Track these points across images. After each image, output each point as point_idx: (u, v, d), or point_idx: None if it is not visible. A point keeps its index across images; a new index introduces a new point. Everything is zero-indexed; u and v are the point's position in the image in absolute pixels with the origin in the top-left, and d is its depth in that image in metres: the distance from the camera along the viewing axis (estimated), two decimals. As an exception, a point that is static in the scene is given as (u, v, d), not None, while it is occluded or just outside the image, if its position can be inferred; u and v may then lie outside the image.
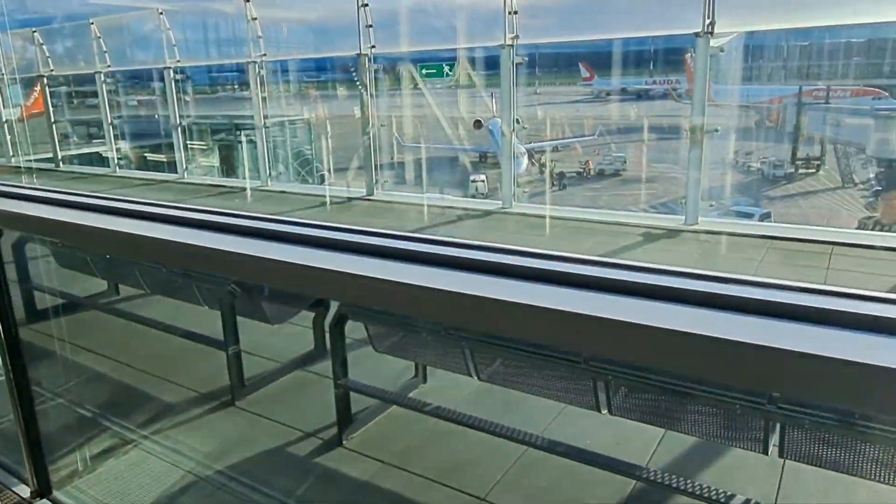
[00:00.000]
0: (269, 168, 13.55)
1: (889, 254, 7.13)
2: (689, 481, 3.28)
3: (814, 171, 41.39)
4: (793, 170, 41.43)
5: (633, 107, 58.01)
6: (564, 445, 3.42)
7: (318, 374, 4.81)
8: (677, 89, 56.15)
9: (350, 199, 11.19)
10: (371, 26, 11.00)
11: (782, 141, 42.82)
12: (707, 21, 7.94)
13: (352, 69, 11.88)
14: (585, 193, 41.25)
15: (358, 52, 11.07)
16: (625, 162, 45.03)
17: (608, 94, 62.03)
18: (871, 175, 37.67)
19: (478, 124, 44.78)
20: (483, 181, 38.31)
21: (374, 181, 11.32)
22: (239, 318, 4.64)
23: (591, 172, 44.43)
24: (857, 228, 31.80)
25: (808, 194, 38.54)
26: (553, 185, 43.40)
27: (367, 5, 10.89)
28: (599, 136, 47.43)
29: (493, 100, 42.58)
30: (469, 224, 9.09)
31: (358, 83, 11.41)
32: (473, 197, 37.98)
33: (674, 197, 37.86)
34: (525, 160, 37.03)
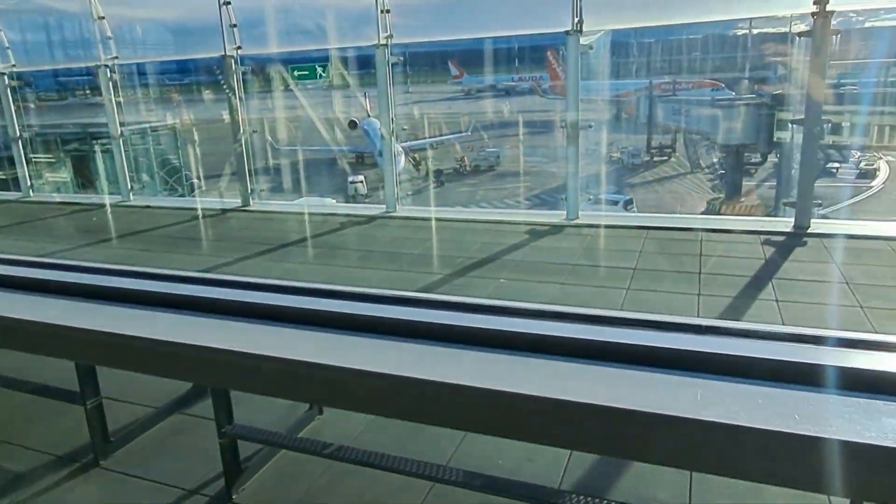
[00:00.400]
0: (132, 180, 12.29)
1: (750, 236, 7.49)
2: (608, 502, 3.10)
3: (666, 158, 44.87)
4: (648, 158, 44.66)
5: (502, 103, 59.80)
6: (480, 478, 3.12)
7: (198, 417, 4.21)
8: (542, 85, 58.56)
9: (224, 210, 10.32)
10: (235, 26, 10.19)
11: (638, 131, 45.86)
12: (576, 19, 7.99)
13: (217, 72, 10.97)
14: (463, 189, 41.84)
15: (223, 53, 10.23)
16: (498, 157, 46.36)
17: (478, 91, 63.39)
18: (715, 160, 41.31)
19: (353, 125, 44.12)
20: (362, 182, 37.80)
21: (249, 190, 10.52)
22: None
23: (468, 168, 45.22)
24: (706, 210, 34.61)
25: (663, 180, 41.47)
26: (432, 182, 43.63)
27: (229, 3, 10.07)
28: (473, 133, 48.34)
29: (367, 99, 41.97)
30: (354, 232, 8.63)
31: (225, 86, 10.56)
32: (353, 198, 37.33)
33: (546, 188, 39.45)
34: (402, 159, 36.90)
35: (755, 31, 45.00)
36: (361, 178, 37.56)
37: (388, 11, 9.23)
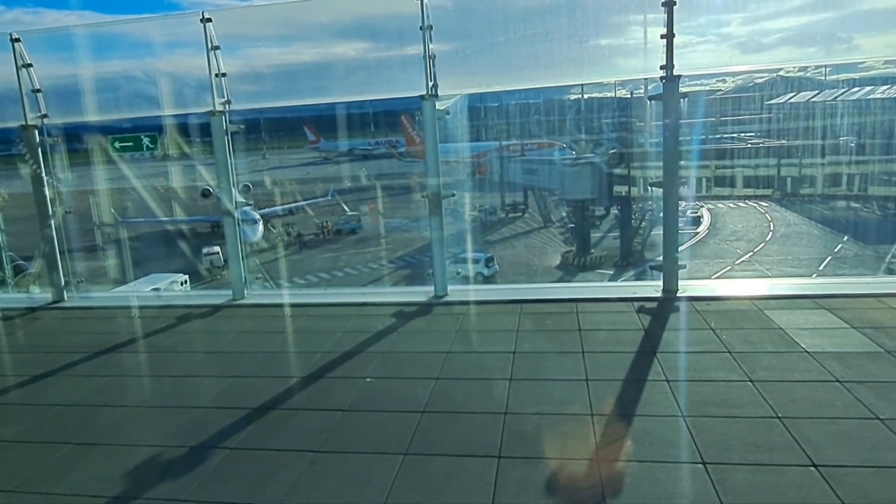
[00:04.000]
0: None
1: (624, 304, 7.07)
2: None
3: (520, 214, 46.78)
4: (504, 214, 46.27)
5: (360, 167, 59.70)
6: None
7: None
8: (398, 149, 59.45)
9: (32, 309, 8.36)
10: (39, 91, 8.60)
11: (492, 190, 47.38)
12: (430, 83, 7.38)
13: (20, 143, 9.23)
14: (326, 255, 40.34)
15: (23, 122, 8.58)
16: (360, 220, 45.68)
17: (337, 155, 62.85)
18: (564, 214, 43.57)
19: (206, 193, 41.39)
20: (217, 253, 35.15)
21: (65, 283, 8.71)
22: None
23: (330, 233, 43.98)
24: (561, 262, 35.96)
25: (520, 235, 42.85)
26: (291, 249, 41.77)
27: (30, 66, 8.48)
28: (332, 198, 47.35)
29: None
30: (192, 329, 7.14)
31: (30, 160, 8.85)
32: (209, 270, 34.48)
33: (409, 250, 39.26)
34: (261, 227, 34.93)
35: (586, 97, 48.75)
36: (217, 248, 34.77)
37: (223, 75, 8.13)
